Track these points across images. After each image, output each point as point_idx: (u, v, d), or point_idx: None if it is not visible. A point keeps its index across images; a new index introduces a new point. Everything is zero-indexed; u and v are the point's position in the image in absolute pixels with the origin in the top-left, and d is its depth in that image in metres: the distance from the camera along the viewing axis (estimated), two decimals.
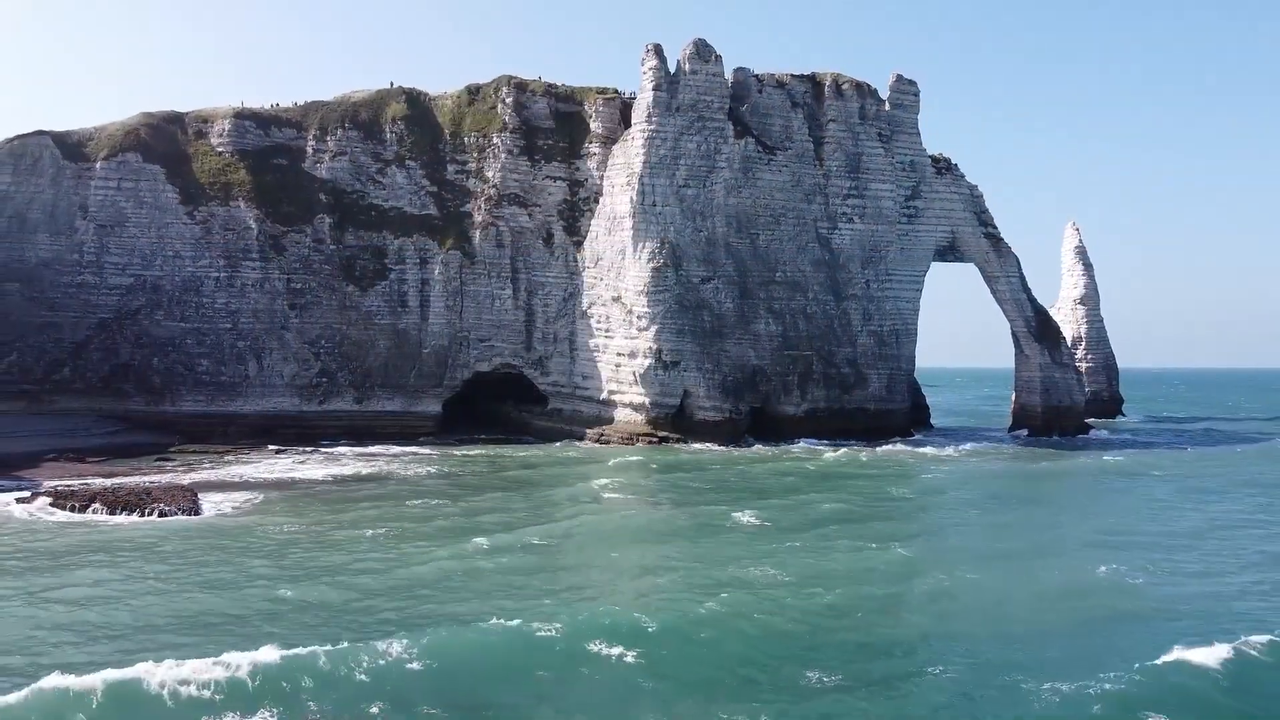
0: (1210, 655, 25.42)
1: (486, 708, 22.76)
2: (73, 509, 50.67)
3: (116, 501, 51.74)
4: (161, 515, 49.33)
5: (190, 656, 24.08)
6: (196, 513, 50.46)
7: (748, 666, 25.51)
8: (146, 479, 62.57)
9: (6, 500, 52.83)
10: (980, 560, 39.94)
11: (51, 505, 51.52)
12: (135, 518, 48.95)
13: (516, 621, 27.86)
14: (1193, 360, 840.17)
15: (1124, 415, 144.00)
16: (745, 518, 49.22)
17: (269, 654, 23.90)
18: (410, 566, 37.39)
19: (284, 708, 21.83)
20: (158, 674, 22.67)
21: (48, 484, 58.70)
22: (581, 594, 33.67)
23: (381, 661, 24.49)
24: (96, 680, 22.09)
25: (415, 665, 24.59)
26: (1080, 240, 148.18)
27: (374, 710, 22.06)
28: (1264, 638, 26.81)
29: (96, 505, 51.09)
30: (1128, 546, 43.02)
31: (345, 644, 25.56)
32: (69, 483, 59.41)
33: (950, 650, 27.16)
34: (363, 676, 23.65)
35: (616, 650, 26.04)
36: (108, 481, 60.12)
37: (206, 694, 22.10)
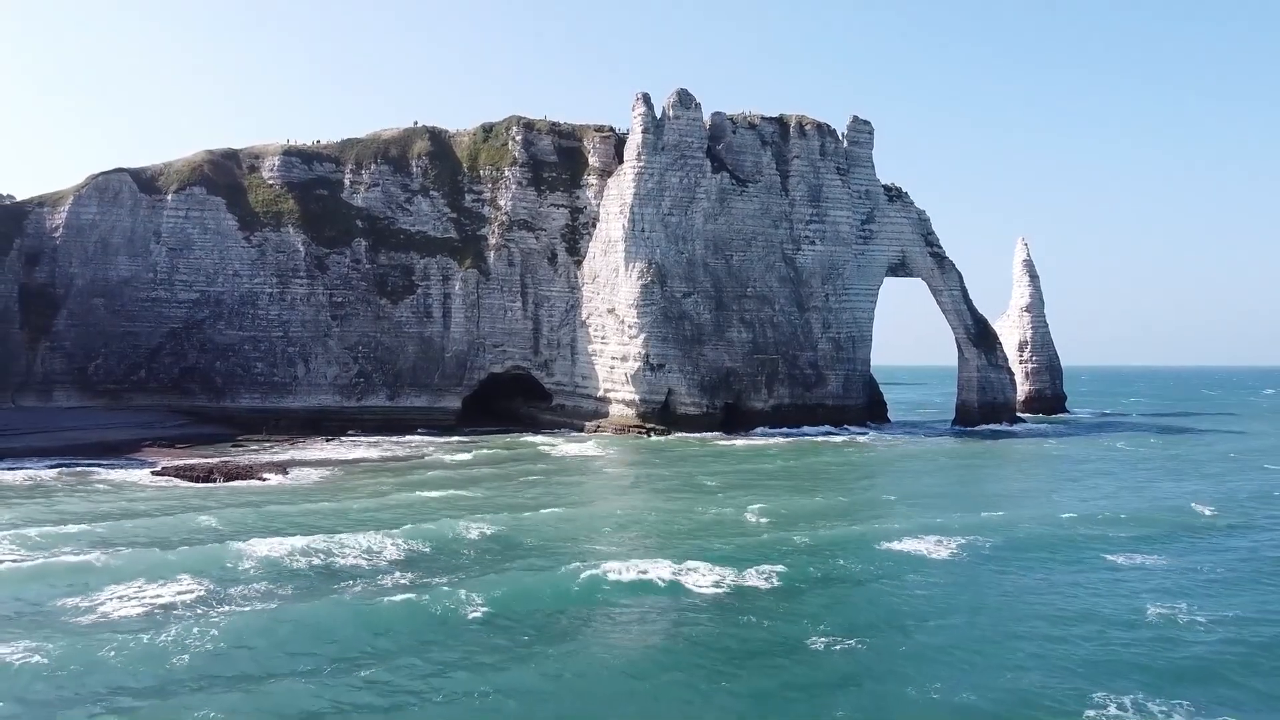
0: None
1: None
2: (197, 478, 66.55)
3: (229, 473, 67.96)
4: (263, 481, 65.65)
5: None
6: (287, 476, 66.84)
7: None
8: (236, 459, 78.67)
9: (143, 474, 68.73)
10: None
11: (179, 476, 67.46)
12: (248, 483, 65.14)
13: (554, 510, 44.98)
14: (1177, 360, 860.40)
15: (1067, 410, 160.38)
16: (706, 480, 65.76)
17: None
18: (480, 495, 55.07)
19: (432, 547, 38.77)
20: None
21: (162, 463, 74.71)
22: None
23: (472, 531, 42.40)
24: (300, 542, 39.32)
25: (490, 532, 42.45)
26: (1028, 254, 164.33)
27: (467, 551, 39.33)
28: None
29: (214, 475, 67.31)
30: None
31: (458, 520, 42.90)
32: (178, 462, 75.39)
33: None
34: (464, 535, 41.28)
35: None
36: (213, 460, 76.28)
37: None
